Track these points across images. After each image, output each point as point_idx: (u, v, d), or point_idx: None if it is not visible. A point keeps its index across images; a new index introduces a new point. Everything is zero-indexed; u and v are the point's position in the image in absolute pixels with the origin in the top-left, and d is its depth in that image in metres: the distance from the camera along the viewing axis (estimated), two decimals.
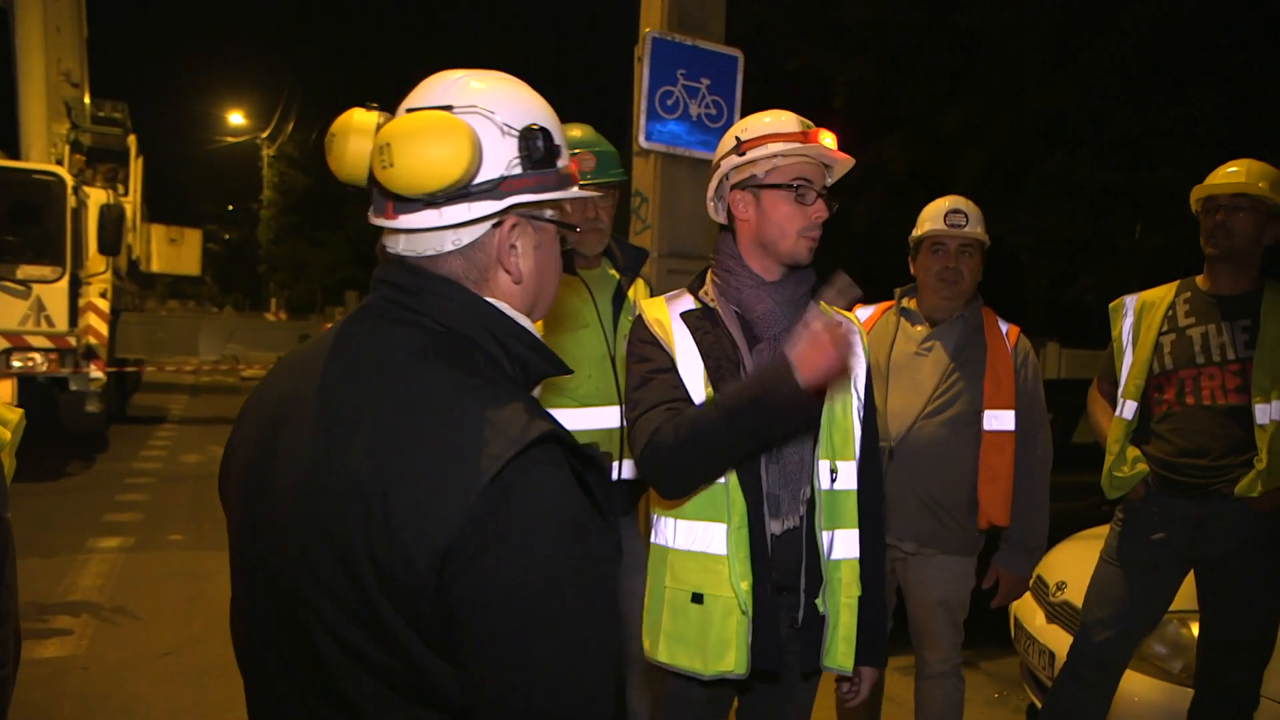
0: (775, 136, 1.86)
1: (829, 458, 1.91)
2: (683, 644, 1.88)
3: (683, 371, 1.87)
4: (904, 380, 2.88)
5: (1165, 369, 2.81)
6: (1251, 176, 2.69)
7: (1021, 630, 3.70)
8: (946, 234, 2.88)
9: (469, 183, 1.02)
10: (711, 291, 1.96)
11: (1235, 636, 2.72)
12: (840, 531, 1.92)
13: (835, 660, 1.91)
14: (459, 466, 0.92)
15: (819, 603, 1.90)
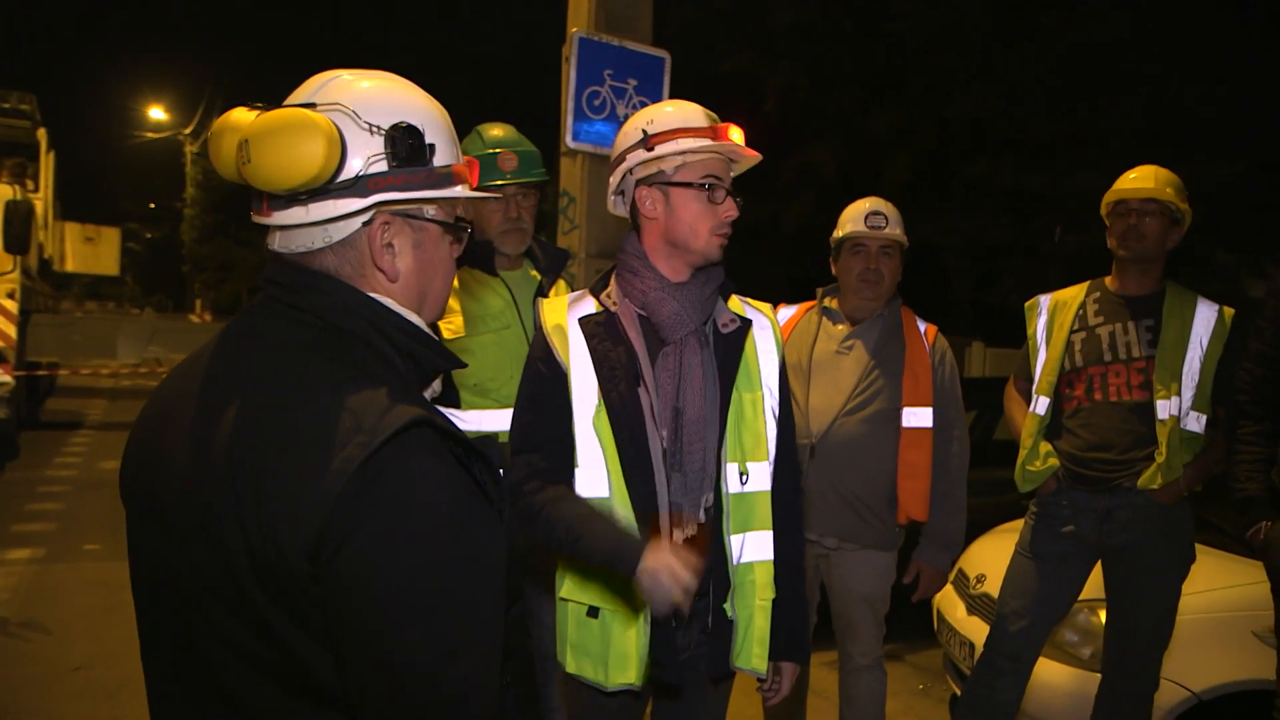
0: (684, 132, 1.80)
1: (738, 460, 1.89)
2: (587, 656, 1.86)
3: (574, 381, 1.83)
4: (825, 378, 2.92)
5: (1075, 366, 2.90)
6: (1159, 182, 2.79)
7: (944, 622, 3.78)
8: (867, 235, 2.92)
9: (331, 179, 1.03)
10: (615, 294, 1.90)
11: (1139, 622, 2.82)
12: (751, 534, 1.90)
13: (748, 662, 1.90)
14: (329, 455, 0.92)
15: (727, 607, 1.89)
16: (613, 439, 1.81)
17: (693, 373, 1.84)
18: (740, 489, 1.89)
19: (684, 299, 1.85)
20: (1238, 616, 2.99)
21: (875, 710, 2.94)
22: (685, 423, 1.82)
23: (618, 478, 1.81)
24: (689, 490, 1.83)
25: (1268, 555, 2.61)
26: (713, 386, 1.86)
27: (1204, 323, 2.78)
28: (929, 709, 4.05)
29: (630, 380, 1.83)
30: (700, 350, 1.86)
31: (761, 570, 1.91)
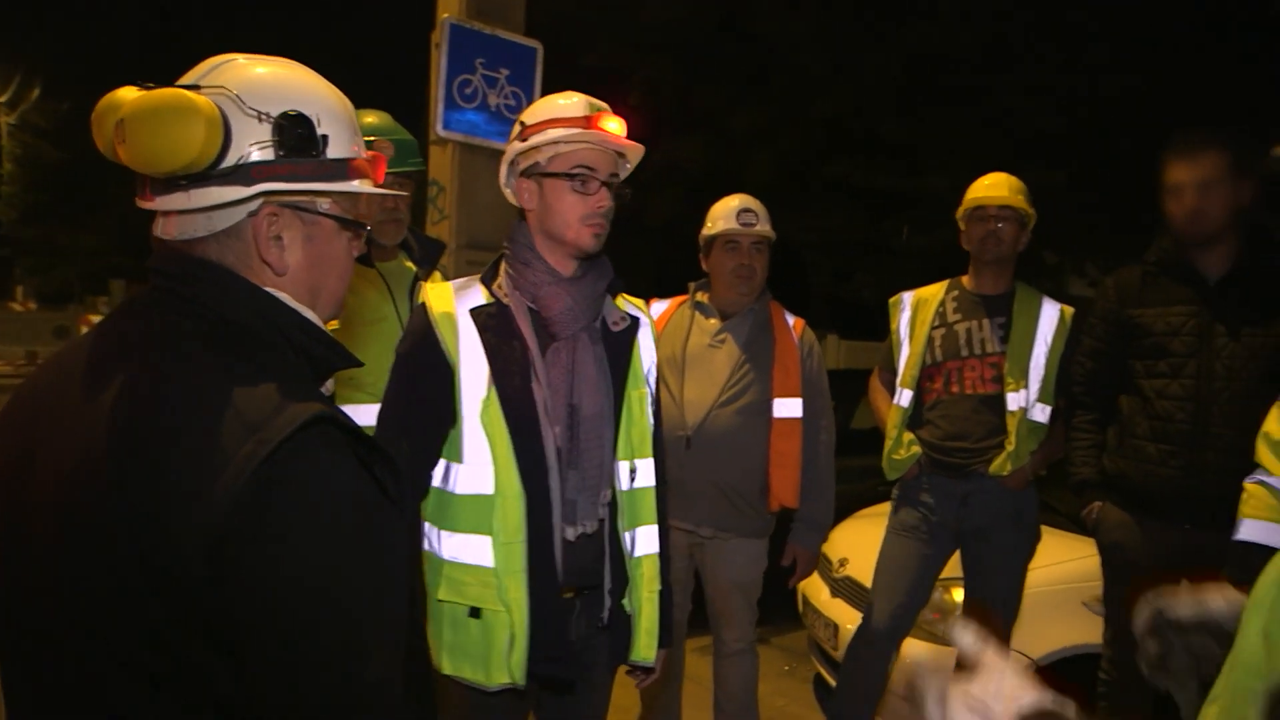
0: (557, 122, 1.79)
1: (628, 457, 1.91)
2: (466, 657, 1.83)
3: (464, 374, 1.80)
4: (699, 371, 2.99)
5: (935, 360, 3.07)
6: (1011, 190, 2.99)
7: (809, 606, 3.93)
8: (740, 232, 3.00)
9: (211, 165, 0.98)
10: (505, 285, 1.87)
11: (992, 597, 3.02)
12: (641, 529, 1.94)
13: (639, 654, 1.94)
14: (227, 454, 0.88)
15: (626, 602, 1.92)
16: (505, 435, 1.78)
17: (585, 369, 1.84)
18: (630, 485, 1.92)
19: (577, 294, 1.85)
20: (1070, 589, 3.23)
21: (748, 692, 3.04)
22: (582, 420, 1.83)
23: (507, 474, 1.78)
24: (586, 488, 1.84)
25: (1098, 532, 2.85)
26: (605, 383, 1.87)
27: (1048, 321, 3.00)
28: (795, 688, 4.21)
29: (523, 375, 1.81)
30: (592, 346, 1.86)
31: (649, 563, 1.95)
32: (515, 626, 1.78)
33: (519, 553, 1.78)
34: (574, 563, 1.84)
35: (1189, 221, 2.62)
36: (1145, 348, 2.71)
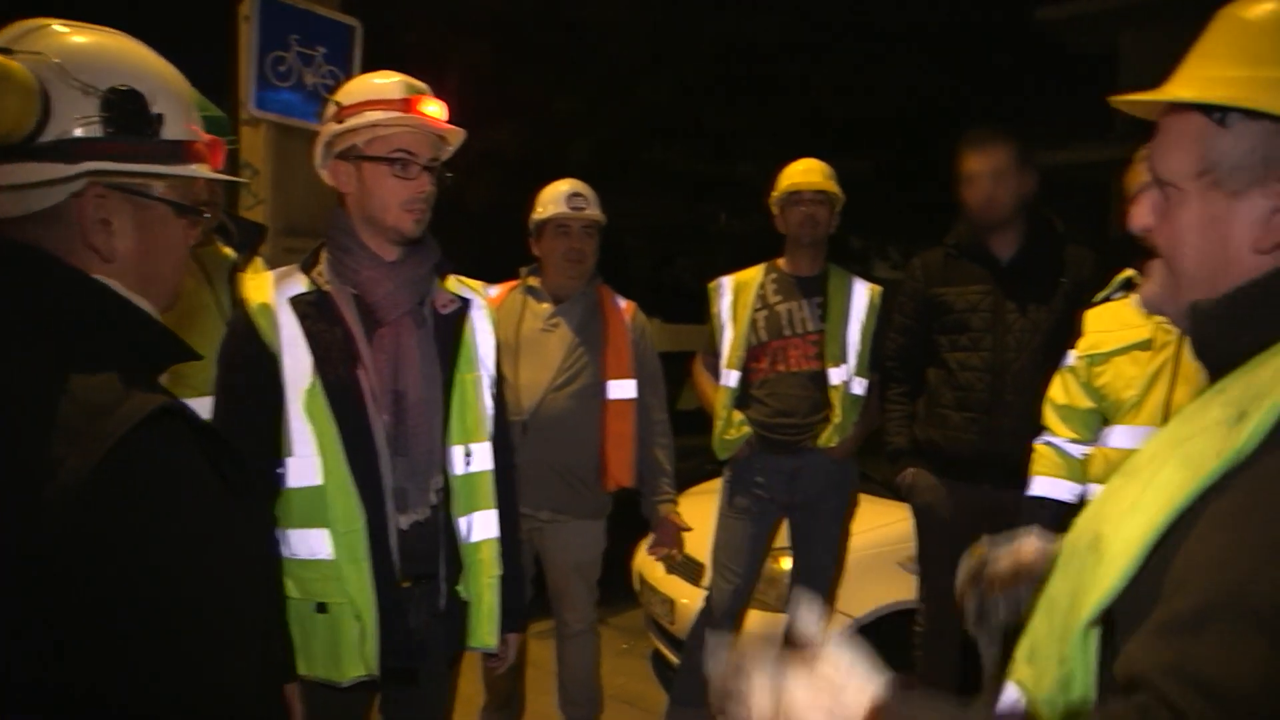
0: (375, 104, 1.74)
1: (463, 442, 1.90)
2: (316, 653, 1.79)
3: (286, 364, 1.74)
4: (533, 356, 2.99)
5: (760, 341, 3.20)
6: (824, 176, 3.15)
7: (645, 584, 4.02)
8: (570, 216, 3.01)
9: (28, 139, 0.90)
10: (326, 272, 1.81)
11: (818, 564, 3.21)
12: (478, 513, 1.93)
13: (480, 640, 1.93)
14: (65, 448, 0.82)
15: (460, 589, 1.91)
16: (330, 424, 1.74)
17: (410, 354, 1.81)
18: (466, 470, 1.90)
19: (399, 279, 1.81)
20: (885, 551, 3.47)
21: (590, 673, 3.09)
22: (408, 406, 1.80)
23: (335, 464, 1.74)
24: (416, 475, 1.81)
25: (911, 496, 3.08)
26: (432, 368, 1.84)
27: (859, 300, 3.20)
28: (634, 665, 4.30)
29: (348, 363, 1.76)
30: (417, 331, 1.83)
31: (488, 548, 1.94)
32: (364, 617, 1.75)
33: (359, 542, 1.74)
34: (409, 551, 1.81)
35: (983, 208, 2.87)
36: (948, 323, 2.94)
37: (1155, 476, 0.79)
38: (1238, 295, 0.86)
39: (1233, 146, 0.83)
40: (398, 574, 1.80)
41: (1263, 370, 0.79)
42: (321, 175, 1.87)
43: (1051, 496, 2.48)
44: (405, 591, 1.82)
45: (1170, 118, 0.89)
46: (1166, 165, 0.89)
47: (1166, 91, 0.88)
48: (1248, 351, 0.84)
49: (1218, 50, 0.86)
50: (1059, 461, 2.50)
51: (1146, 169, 0.92)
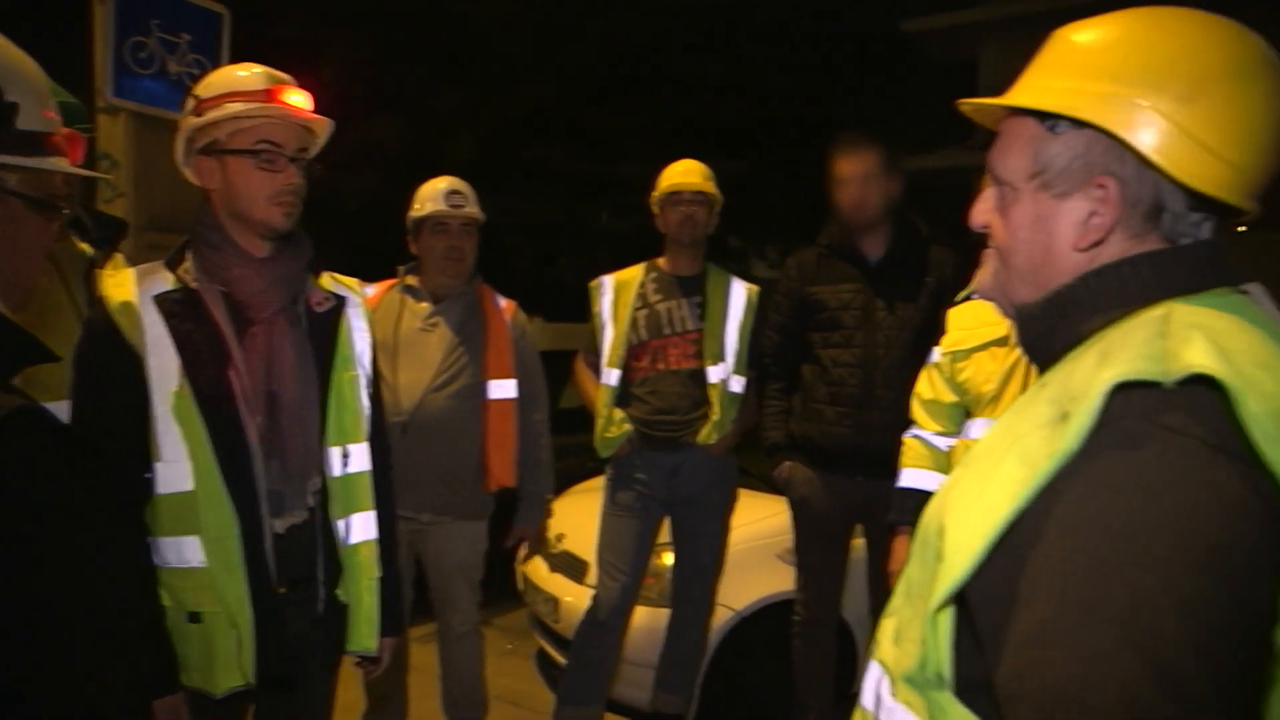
0: (235, 95, 1.69)
1: (340, 443, 1.86)
2: (190, 665, 1.72)
3: (151, 366, 1.67)
4: (412, 356, 2.95)
5: (640, 339, 3.23)
6: (703, 177, 3.21)
7: (528, 583, 4.02)
8: (449, 214, 2.98)
9: None
10: (193, 269, 1.75)
11: (700, 559, 3.27)
12: (357, 515, 1.90)
13: (360, 643, 1.91)
14: None
15: (339, 592, 1.87)
16: (200, 428, 1.68)
17: (284, 354, 1.76)
18: (343, 471, 1.87)
19: (270, 275, 1.76)
20: (765, 543, 3.56)
21: (474, 674, 3.07)
22: (282, 406, 1.75)
23: (207, 469, 1.68)
24: (291, 478, 1.77)
25: (788, 490, 3.18)
26: (307, 367, 1.80)
27: (737, 299, 3.27)
28: (518, 666, 4.28)
29: (218, 363, 1.71)
30: (290, 330, 1.78)
31: (367, 550, 1.91)
32: (240, 625, 1.70)
33: (233, 548, 1.69)
34: (285, 555, 1.77)
35: (852, 210, 2.99)
36: (821, 321, 3.05)
37: (995, 470, 0.84)
38: (1054, 297, 0.92)
39: (1060, 152, 0.90)
40: (274, 579, 1.75)
41: (1076, 369, 0.84)
42: (185, 174, 1.80)
43: (920, 488, 2.60)
44: (283, 597, 1.78)
45: (1009, 123, 0.96)
46: (1004, 166, 0.96)
47: (1006, 99, 0.95)
48: (1065, 348, 0.90)
49: (1051, 65, 0.93)
50: (926, 453, 2.62)
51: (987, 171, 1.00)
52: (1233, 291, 0.88)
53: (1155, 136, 0.84)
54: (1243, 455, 0.72)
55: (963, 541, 0.82)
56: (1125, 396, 0.77)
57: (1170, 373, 0.76)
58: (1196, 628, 0.68)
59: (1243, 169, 0.85)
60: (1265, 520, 0.71)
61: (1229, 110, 0.84)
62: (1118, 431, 0.75)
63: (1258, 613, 0.69)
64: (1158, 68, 0.85)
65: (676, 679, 3.32)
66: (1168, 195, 0.87)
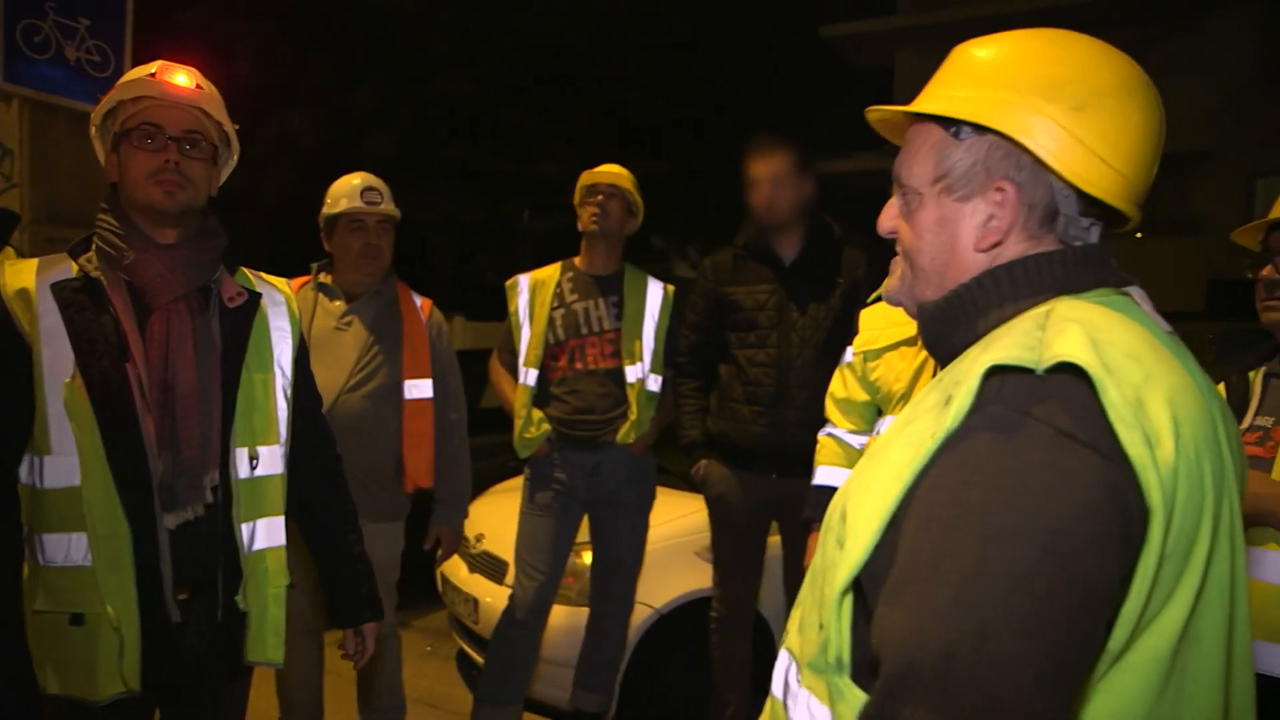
0: (123, 85, 1.74)
1: (248, 444, 1.80)
2: (70, 670, 1.65)
3: (44, 357, 1.62)
4: (326, 355, 2.88)
5: (558, 339, 3.22)
6: (620, 174, 3.23)
7: (447, 584, 3.98)
8: (364, 211, 2.93)
9: None
10: (95, 258, 1.71)
11: (620, 557, 3.28)
12: (263, 520, 1.84)
13: (264, 654, 1.84)
14: None
15: (239, 599, 1.81)
16: (91, 420, 1.62)
17: (182, 343, 1.70)
18: (250, 474, 1.81)
19: (172, 261, 1.72)
20: (683, 541, 3.59)
21: (393, 677, 3.03)
22: (177, 398, 1.69)
23: (98, 463, 1.62)
24: (184, 473, 1.70)
25: (705, 487, 3.21)
26: (208, 360, 1.74)
27: (655, 298, 3.29)
28: (438, 668, 4.24)
29: (115, 354, 1.65)
30: (193, 319, 1.73)
31: (274, 557, 1.85)
32: (124, 629, 1.64)
33: (122, 547, 1.64)
34: (182, 555, 1.71)
35: (765, 210, 3.04)
36: (737, 321, 3.09)
37: (888, 456, 0.89)
38: (952, 297, 0.97)
39: (962, 157, 0.95)
40: (168, 584, 1.70)
41: (965, 359, 0.90)
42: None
43: (834, 485, 2.64)
44: (180, 603, 1.72)
45: (914, 130, 1.01)
46: (909, 172, 1.00)
47: (912, 106, 1.00)
48: (964, 347, 0.95)
49: (954, 76, 0.99)
50: (840, 451, 2.68)
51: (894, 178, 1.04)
52: (1115, 292, 0.94)
53: (1050, 142, 0.90)
54: (1098, 444, 0.77)
55: (861, 526, 0.87)
56: (1001, 382, 0.82)
57: (1042, 361, 0.80)
58: (1025, 603, 0.73)
59: (1127, 176, 0.92)
60: (1110, 509, 0.76)
61: (1116, 121, 0.91)
62: (988, 415, 0.81)
63: (1093, 596, 0.75)
64: (1054, 79, 0.91)
65: (596, 678, 3.32)
66: (1061, 199, 0.93)
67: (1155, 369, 0.83)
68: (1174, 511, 0.79)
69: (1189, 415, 0.82)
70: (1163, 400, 0.80)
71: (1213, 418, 0.87)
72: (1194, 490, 0.80)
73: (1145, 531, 0.78)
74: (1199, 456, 0.81)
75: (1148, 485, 0.77)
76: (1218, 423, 0.88)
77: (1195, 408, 0.84)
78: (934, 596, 0.75)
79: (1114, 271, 0.96)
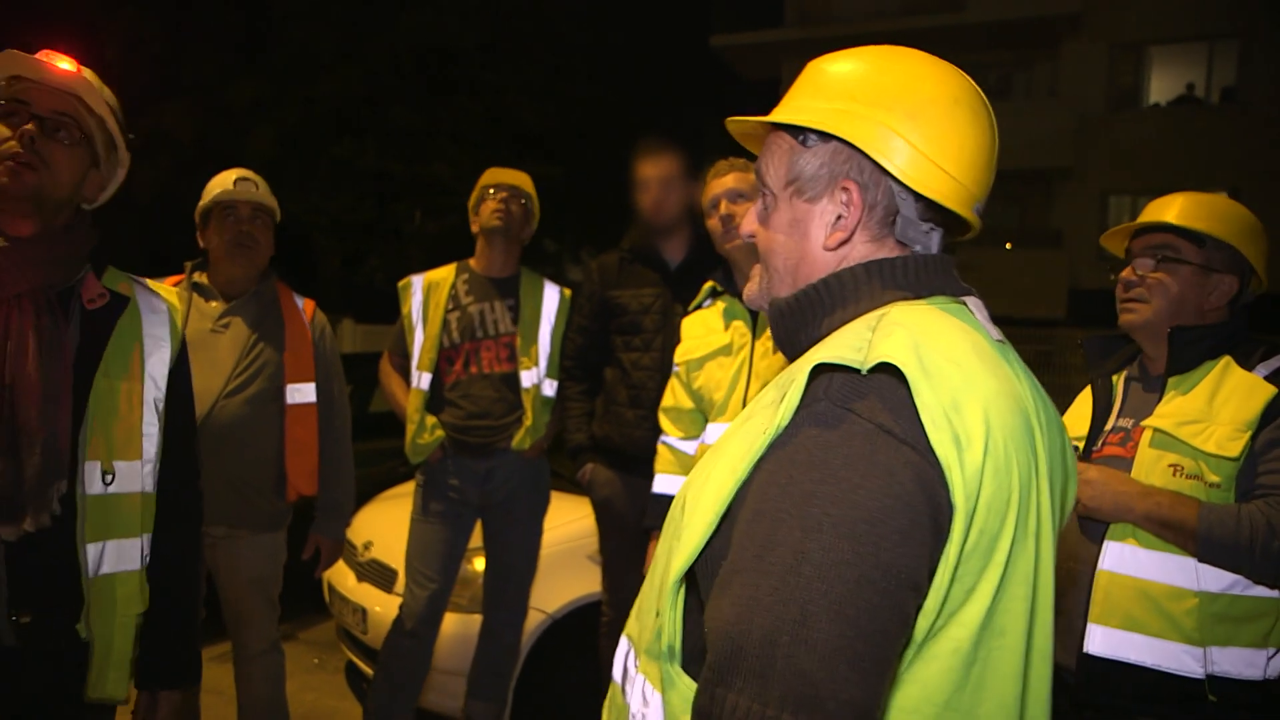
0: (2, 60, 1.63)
1: (102, 457, 1.65)
2: None
3: None
4: (201, 359, 2.73)
5: (454, 342, 3.17)
6: (523, 179, 3.23)
7: (335, 594, 3.87)
8: (236, 196, 2.81)
9: None
10: None
11: (514, 564, 3.25)
12: (114, 542, 1.68)
13: (104, 691, 1.67)
14: None
15: (80, 628, 1.63)
16: None
17: (24, 340, 1.57)
18: (102, 490, 1.65)
19: (20, 254, 1.59)
20: (575, 545, 3.59)
21: (276, 693, 2.92)
22: (16, 400, 1.56)
23: None
24: (27, 482, 1.56)
25: (591, 491, 3.22)
26: (56, 362, 1.61)
27: (551, 302, 3.29)
28: (326, 680, 4.12)
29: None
30: (37, 317, 1.60)
31: (125, 582, 1.69)
32: None
33: None
34: (20, 573, 1.57)
35: (653, 212, 3.09)
36: (623, 325, 3.11)
37: (724, 451, 0.94)
38: (800, 296, 1.03)
39: (810, 161, 1.02)
40: (2, 603, 1.55)
41: (804, 358, 0.95)
42: None
43: (672, 493, 2.65)
44: (21, 627, 1.57)
45: (770, 138, 1.08)
46: (766, 176, 1.07)
47: (766, 117, 1.07)
48: (808, 345, 1.01)
49: (805, 89, 1.06)
50: (673, 459, 2.69)
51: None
52: (952, 300, 1.01)
53: (885, 147, 0.97)
54: (915, 441, 0.83)
55: (697, 517, 0.91)
56: (829, 380, 0.88)
57: (866, 360, 0.86)
58: (840, 590, 0.77)
59: (961, 181, 0.99)
60: (922, 502, 0.82)
61: (946, 128, 0.98)
62: (814, 411, 0.86)
63: (904, 585, 0.80)
64: (890, 90, 0.99)
65: (489, 686, 3.29)
66: (901, 201, 1.00)
67: (977, 374, 0.88)
68: (976, 510, 0.84)
69: (1003, 419, 0.88)
70: (979, 404, 0.86)
71: (1029, 422, 0.94)
72: (1000, 491, 0.86)
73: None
74: (1008, 459, 0.87)
75: (953, 484, 0.82)
76: (1035, 428, 0.95)
77: (1011, 412, 0.90)
78: (758, 585, 0.79)
79: (954, 280, 1.03)
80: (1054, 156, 15.87)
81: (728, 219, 2.58)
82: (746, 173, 2.59)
